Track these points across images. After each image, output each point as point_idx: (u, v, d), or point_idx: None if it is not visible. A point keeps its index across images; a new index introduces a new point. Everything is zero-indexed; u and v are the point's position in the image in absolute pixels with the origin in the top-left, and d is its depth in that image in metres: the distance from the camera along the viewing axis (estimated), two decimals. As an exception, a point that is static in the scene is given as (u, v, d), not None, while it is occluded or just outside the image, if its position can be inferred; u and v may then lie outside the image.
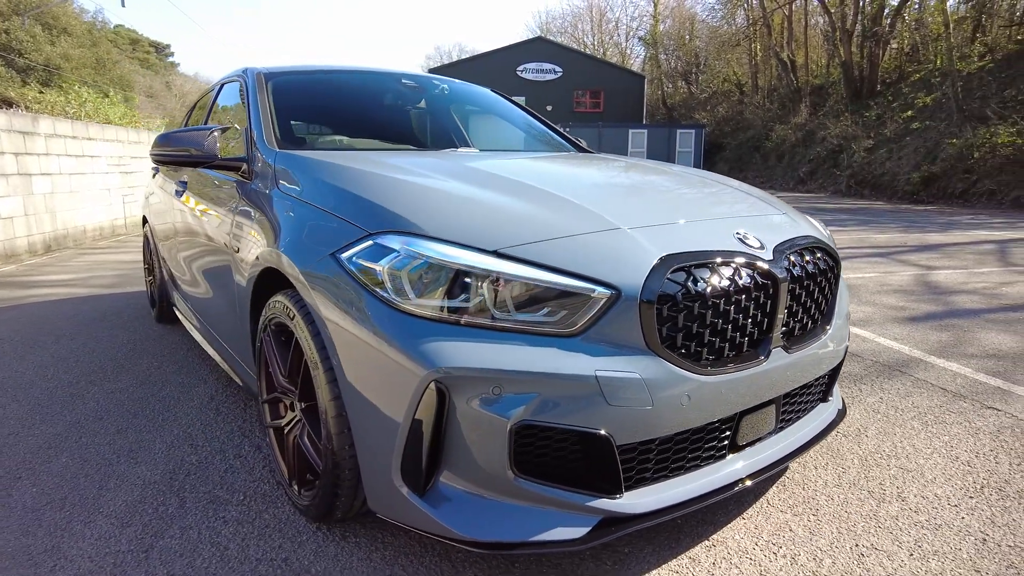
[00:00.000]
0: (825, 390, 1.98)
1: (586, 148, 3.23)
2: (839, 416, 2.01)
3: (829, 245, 1.86)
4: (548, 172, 2.17)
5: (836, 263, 1.86)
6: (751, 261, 1.54)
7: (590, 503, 1.40)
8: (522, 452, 1.36)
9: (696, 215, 1.74)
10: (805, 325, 1.74)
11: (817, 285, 1.76)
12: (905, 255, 6.83)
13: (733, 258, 1.52)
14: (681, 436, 1.48)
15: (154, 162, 2.42)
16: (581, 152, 3.10)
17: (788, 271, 1.61)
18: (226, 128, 2.46)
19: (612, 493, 1.41)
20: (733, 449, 1.62)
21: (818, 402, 1.96)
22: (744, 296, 1.51)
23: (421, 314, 1.37)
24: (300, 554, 1.65)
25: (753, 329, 1.55)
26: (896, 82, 22.04)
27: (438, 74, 3.23)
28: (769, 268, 1.56)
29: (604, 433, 1.35)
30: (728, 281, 1.48)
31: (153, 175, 3.97)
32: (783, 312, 1.60)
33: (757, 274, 1.54)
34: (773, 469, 1.66)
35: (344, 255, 1.51)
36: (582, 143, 3.29)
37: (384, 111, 2.92)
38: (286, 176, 2.00)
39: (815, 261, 1.75)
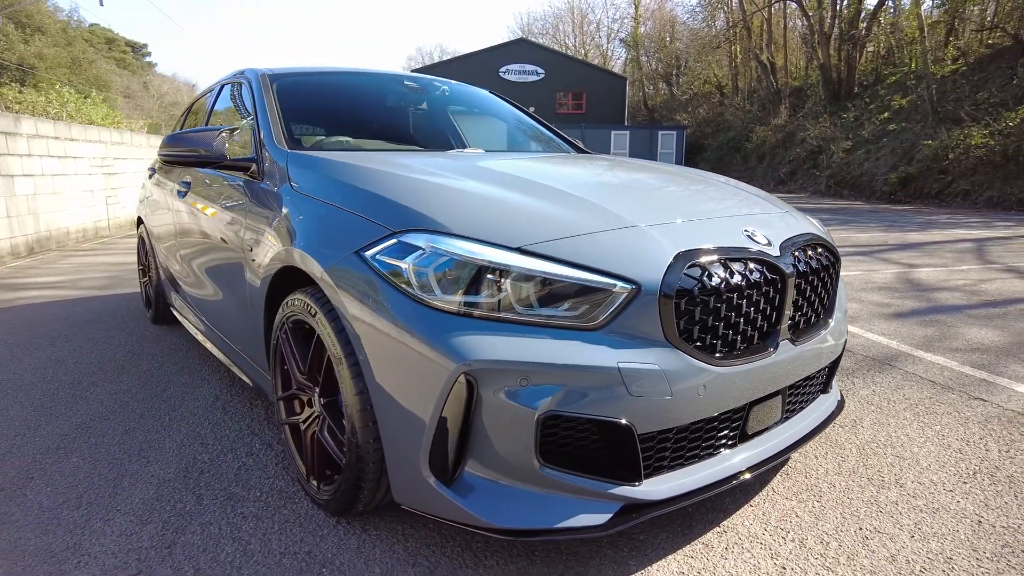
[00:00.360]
0: (825, 382, 2.05)
1: (583, 149, 3.28)
2: (839, 407, 2.08)
3: (829, 242, 1.94)
4: (558, 172, 2.22)
5: (836, 259, 1.94)
6: (760, 257, 1.61)
7: (611, 490, 1.45)
8: (547, 442, 1.41)
9: (705, 213, 1.80)
10: (809, 319, 1.81)
11: (820, 280, 1.83)
12: (887, 253, 7.00)
13: (744, 254, 1.58)
14: (696, 425, 1.54)
15: (163, 162, 2.43)
16: (580, 152, 3.15)
17: (794, 267, 1.68)
18: (234, 129, 2.47)
19: (632, 481, 1.47)
20: (743, 438, 1.68)
21: (819, 393, 2.04)
22: (755, 291, 1.58)
23: (448, 309, 1.42)
24: (322, 547, 1.68)
25: (763, 323, 1.62)
26: (873, 84, 22.49)
27: (422, 75, 3.25)
28: (777, 264, 1.63)
29: (626, 422, 1.40)
30: (740, 276, 1.55)
31: (149, 176, 3.95)
32: (790, 306, 1.67)
33: (766, 269, 1.61)
34: (780, 457, 1.72)
35: (368, 253, 1.55)
36: (578, 143, 3.35)
37: (388, 112, 2.96)
38: (299, 176, 2.03)
39: (817, 257, 1.82)
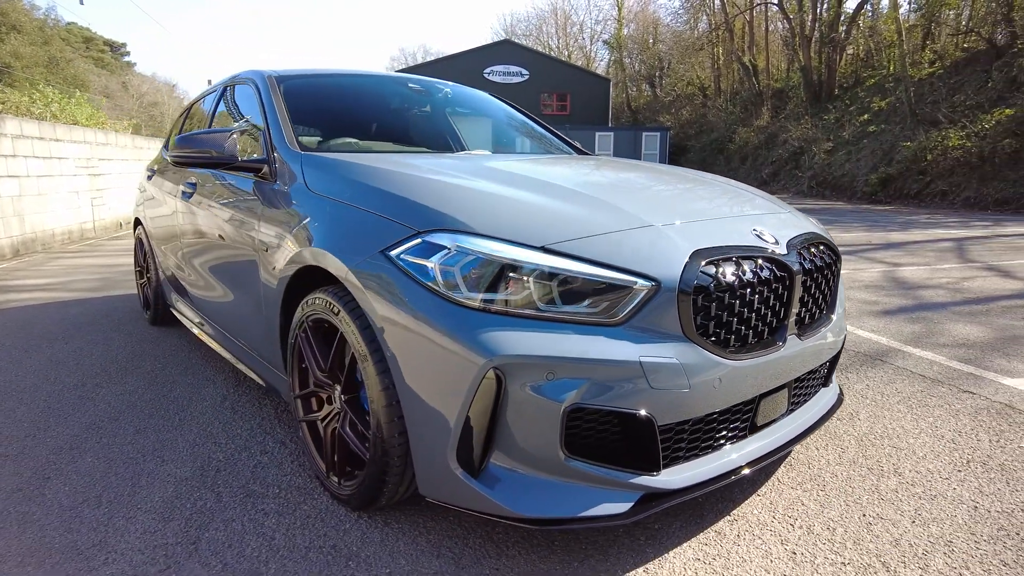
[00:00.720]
0: (826, 376, 2.13)
1: (583, 150, 3.34)
2: (839, 400, 2.16)
3: (830, 241, 2.02)
4: (568, 173, 2.28)
5: (837, 258, 2.02)
6: (769, 255, 1.68)
7: (632, 480, 1.51)
8: (572, 433, 1.46)
9: (715, 214, 1.87)
10: (814, 314, 1.88)
11: (823, 277, 1.91)
12: (871, 252, 7.16)
13: (755, 253, 1.65)
14: (711, 417, 1.61)
15: (174, 164, 2.44)
16: (580, 154, 3.21)
17: (800, 264, 1.75)
18: (244, 130, 2.50)
19: (651, 470, 1.53)
20: (752, 430, 1.75)
21: (820, 387, 2.12)
22: (765, 287, 1.65)
23: (474, 306, 1.46)
24: (346, 541, 1.72)
25: (772, 318, 1.69)
26: (853, 86, 22.88)
27: (423, 78, 3.30)
28: (785, 261, 1.70)
29: (646, 414, 1.46)
30: (751, 273, 1.62)
31: (148, 177, 3.94)
32: (797, 302, 1.74)
33: (775, 267, 1.68)
34: (787, 448, 1.79)
35: (393, 252, 1.59)
36: (577, 145, 3.41)
37: (393, 114, 2.99)
38: (313, 177, 2.06)
39: (820, 255, 1.90)
